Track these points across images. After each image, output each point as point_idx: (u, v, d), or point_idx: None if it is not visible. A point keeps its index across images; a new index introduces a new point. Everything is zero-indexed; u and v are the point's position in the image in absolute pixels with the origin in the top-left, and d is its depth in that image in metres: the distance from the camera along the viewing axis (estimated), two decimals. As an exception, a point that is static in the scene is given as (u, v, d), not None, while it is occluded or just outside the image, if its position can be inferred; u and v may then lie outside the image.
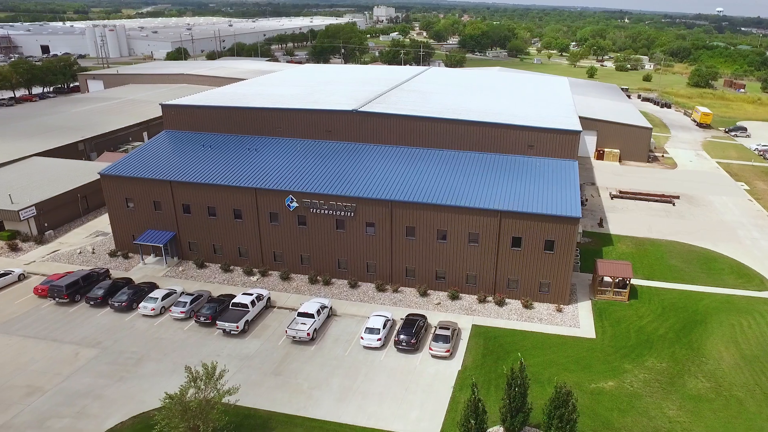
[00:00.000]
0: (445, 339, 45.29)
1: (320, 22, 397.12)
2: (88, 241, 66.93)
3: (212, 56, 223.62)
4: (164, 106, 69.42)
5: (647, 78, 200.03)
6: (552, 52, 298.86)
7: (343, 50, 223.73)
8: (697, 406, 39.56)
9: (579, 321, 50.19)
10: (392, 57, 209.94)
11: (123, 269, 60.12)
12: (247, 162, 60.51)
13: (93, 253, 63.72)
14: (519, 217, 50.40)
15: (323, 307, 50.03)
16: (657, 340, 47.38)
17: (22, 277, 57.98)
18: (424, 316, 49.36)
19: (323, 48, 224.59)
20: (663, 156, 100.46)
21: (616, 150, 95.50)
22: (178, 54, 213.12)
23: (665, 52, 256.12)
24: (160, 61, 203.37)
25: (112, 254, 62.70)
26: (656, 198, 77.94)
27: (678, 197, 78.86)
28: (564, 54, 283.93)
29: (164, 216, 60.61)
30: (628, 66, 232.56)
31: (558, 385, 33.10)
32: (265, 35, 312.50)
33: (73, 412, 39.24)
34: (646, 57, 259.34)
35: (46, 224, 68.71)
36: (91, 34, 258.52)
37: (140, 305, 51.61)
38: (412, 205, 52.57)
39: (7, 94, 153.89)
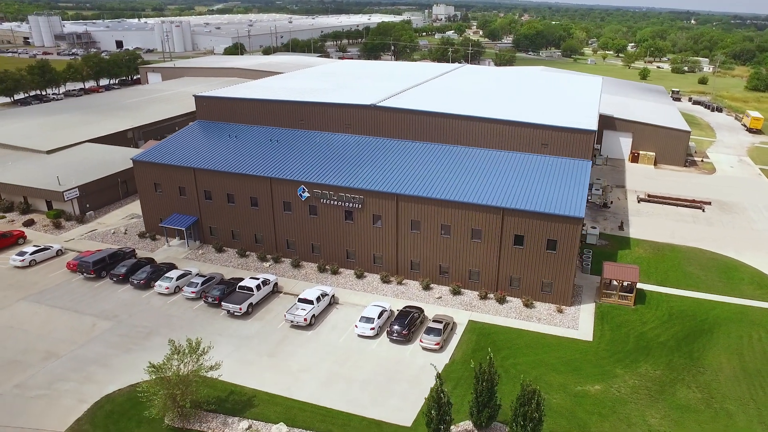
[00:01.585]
0: (437, 332, 45.87)
1: (378, 19, 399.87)
2: (123, 223, 71.48)
3: (268, 51, 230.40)
4: (197, 97, 72.96)
5: (703, 81, 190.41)
6: (608, 53, 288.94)
7: (392, 47, 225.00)
8: (682, 416, 38.40)
9: (578, 323, 49.46)
10: (441, 55, 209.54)
11: (149, 250, 63.96)
12: (266, 152, 62.91)
13: (125, 233, 68.07)
14: (521, 215, 50.16)
15: (324, 294, 51.58)
16: (656, 347, 46.09)
17: (59, 253, 62.76)
18: (420, 309, 50.07)
19: (374, 45, 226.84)
20: (702, 160, 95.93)
21: (651, 153, 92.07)
22: (235, 49, 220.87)
23: (727, 54, 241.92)
24: (215, 56, 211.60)
25: (142, 235, 66.76)
26: (685, 203, 74.88)
27: (709, 203, 75.44)
28: (620, 55, 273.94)
29: (188, 201, 63.99)
30: (685, 68, 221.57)
31: (524, 382, 33.17)
32: (322, 32, 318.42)
33: (80, 377, 42.60)
34: (706, 59, 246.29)
35: (87, 205, 73.84)
36: (159, 29, 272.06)
37: (156, 284, 54.96)
38: (417, 198, 53.30)
39: (78, 85, 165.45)
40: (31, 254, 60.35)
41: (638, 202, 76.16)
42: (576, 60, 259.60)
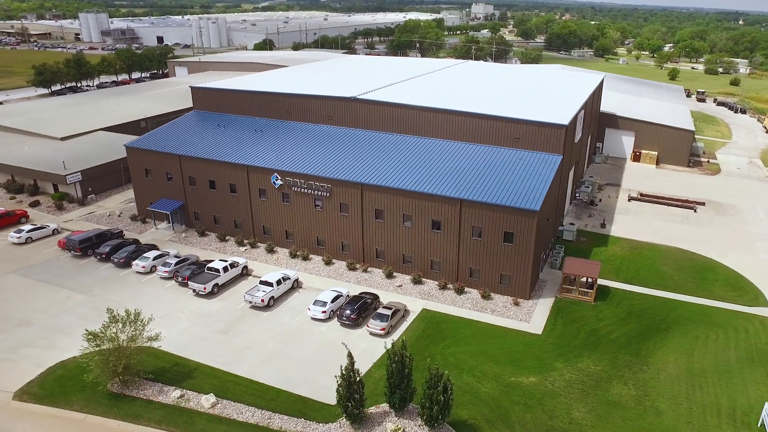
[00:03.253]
0: (383, 318, 46.66)
1: (413, 17, 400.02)
2: (120, 206, 74.91)
3: (297, 47, 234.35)
4: (193, 89, 75.74)
5: (734, 82, 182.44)
6: (643, 53, 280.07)
7: (417, 45, 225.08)
8: (608, 411, 37.93)
9: (532, 316, 49.23)
10: (465, 53, 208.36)
11: (137, 232, 66.93)
12: (248, 141, 64.91)
13: (119, 216, 71.41)
14: (478, 206, 50.29)
15: (285, 278, 53.04)
16: (605, 344, 45.47)
17: (55, 232, 66.43)
18: (376, 296, 50.95)
19: (400, 42, 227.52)
20: (708, 161, 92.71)
21: (653, 152, 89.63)
22: (264, 45, 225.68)
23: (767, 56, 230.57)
24: (241, 51, 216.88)
25: (133, 218, 69.88)
26: (677, 203, 72.78)
27: (703, 204, 73.08)
28: (654, 55, 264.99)
29: (175, 187, 66.64)
30: (719, 69, 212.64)
31: (431, 366, 33.67)
32: (355, 29, 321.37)
33: (44, 344, 45.40)
34: (745, 60, 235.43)
35: (90, 189, 77.61)
36: (196, 26, 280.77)
37: (134, 263, 57.64)
38: (379, 188, 54.12)
39: (112, 78, 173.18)
40: (27, 232, 64.07)
41: (629, 200, 74.54)
42: (608, 60, 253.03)
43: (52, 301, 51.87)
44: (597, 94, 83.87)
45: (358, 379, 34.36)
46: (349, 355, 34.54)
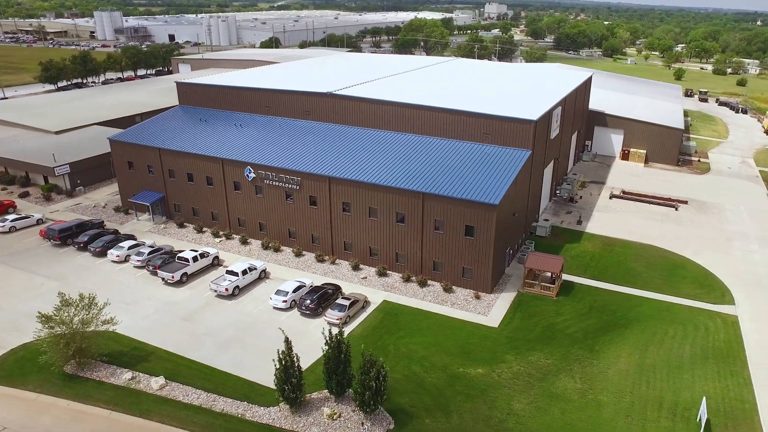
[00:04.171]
0: (340, 308, 47.17)
1: (424, 16, 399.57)
2: (106, 198, 76.33)
3: (303, 45, 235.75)
4: (178, 84, 76.92)
5: (741, 82, 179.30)
6: (653, 53, 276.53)
7: (422, 44, 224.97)
8: (549, 403, 37.95)
9: (491, 310, 49.33)
10: (469, 51, 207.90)
11: (119, 223, 68.19)
12: (226, 135, 65.83)
13: (104, 207, 72.81)
14: (439, 200, 50.52)
15: (251, 268, 53.78)
16: (560, 338, 45.43)
17: (40, 222, 67.95)
18: (337, 287, 51.49)
19: (405, 41, 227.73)
20: (699, 160, 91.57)
21: (642, 150, 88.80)
22: (270, 43, 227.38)
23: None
24: (247, 49, 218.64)
25: (117, 209, 71.22)
26: (659, 201, 72.11)
27: (685, 202, 72.33)
28: (663, 56, 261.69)
29: (155, 179, 67.78)
30: (728, 69, 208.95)
31: (364, 352, 34.06)
32: (365, 28, 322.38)
33: (9, 327, 46.62)
34: (756, 61, 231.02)
35: (78, 181, 79.14)
36: (206, 24, 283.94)
37: (108, 252, 58.83)
38: (346, 181, 54.60)
39: (117, 75, 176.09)
40: (11, 221, 65.67)
41: (610, 198, 74.05)
42: (616, 60, 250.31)
43: (25, 287, 53.11)
44: (582, 92, 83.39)
45: (295, 364, 34.86)
46: (287, 340, 35.10)
